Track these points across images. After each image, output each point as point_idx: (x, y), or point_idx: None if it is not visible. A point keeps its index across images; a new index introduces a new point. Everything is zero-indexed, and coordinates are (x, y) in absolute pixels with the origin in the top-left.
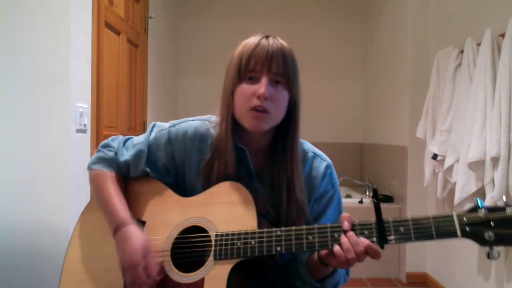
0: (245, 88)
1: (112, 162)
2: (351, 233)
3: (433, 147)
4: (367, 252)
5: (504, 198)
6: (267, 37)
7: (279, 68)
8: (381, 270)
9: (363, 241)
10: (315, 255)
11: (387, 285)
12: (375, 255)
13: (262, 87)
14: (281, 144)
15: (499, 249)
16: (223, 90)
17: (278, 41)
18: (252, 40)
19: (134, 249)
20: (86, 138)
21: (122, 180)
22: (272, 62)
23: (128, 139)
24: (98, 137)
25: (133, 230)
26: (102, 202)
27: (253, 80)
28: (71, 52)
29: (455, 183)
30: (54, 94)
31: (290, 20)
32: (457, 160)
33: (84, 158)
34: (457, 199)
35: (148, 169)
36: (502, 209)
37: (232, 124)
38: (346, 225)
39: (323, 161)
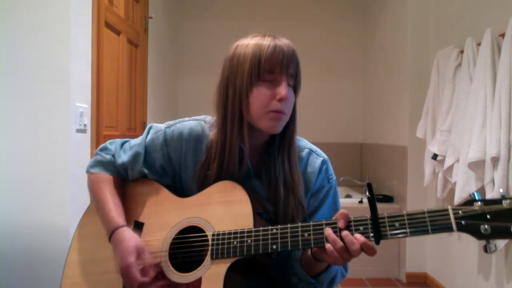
0: (264, 90)
1: (109, 165)
2: (346, 232)
3: (433, 147)
4: (363, 249)
5: (501, 190)
6: (276, 37)
7: (294, 70)
8: (381, 270)
9: (359, 238)
10: (309, 251)
11: (387, 285)
12: (370, 252)
13: (283, 90)
14: (278, 141)
15: (498, 244)
16: (228, 91)
17: (288, 42)
18: (265, 41)
19: (128, 250)
20: (86, 138)
21: (120, 182)
22: (290, 64)
23: (126, 141)
24: (98, 137)
25: (126, 233)
26: (98, 207)
27: (271, 82)
28: (71, 52)
29: (455, 183)
30: (54, 94)
31: (290, 20)
32: (457, 160)
33: (84, 158)
34: (457, 199)
35: (146, 170)
36: (499, 201)
37: (241, 125)
38: (341, 223)
39: (318, 157)
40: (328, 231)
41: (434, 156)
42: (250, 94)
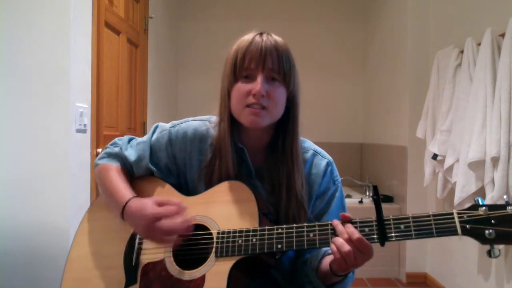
0: (241, 87)
1: (117, 157)
2: (340, 225)
3: (433, 147)
4: (358, 247)
5: (505, 197)
6: (260, 34)
7: (274, 64)
8: (381, 270)
9: (356, 233)
10: (327, 264)
11: (387, 285)
12: (365, 249)
13: (257, 85)
14: (281, 142)
15: (500, 247)
16: (221, 90)
17: (272, 37)
18: (246, 37)
19: (150, 205)
20: (86, 138)
21: (127, 172)
22: (267, 58)
23: (132, 138)
24: (98, 137)
25: (141, 199)
26: (108, 189)
27: (249, 78)
28: (71, 52)
29: (455, 183)
30: (54, 94)
31: (290, 20)
32: (457, 160)
33: (84, 158)
34: (457, 199)
35: (153, 167)
36: (503, 207)
37: (230, 123)
38: (344, 217)
39: (323, 159)
40: (335, 221)
41: (434, 156)
42: (232, 91)
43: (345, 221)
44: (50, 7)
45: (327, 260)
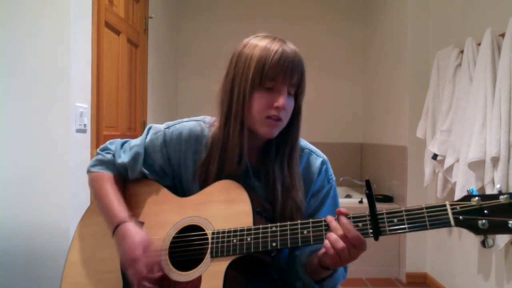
0: (264, 96)
1: (110, 164)
2: (334, 222)
3: (433, 147)
4: (352, 243)
5: (498, 186)
6: (284, 42)
7: (297, 80)
8: (381, 270)
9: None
10: (315, 258)
11: (387, 285)
12: (360, 244)
13: (282, 99)
14: (277, 143)
15: (499, 243)
16: (229, 91)
17: (296, 50)
18: (273, 47)
19: (134, 244)
20: (86, 138)
21: (121, 181)
22: (294, 75)
23: (126, 142)
24: (98, 137)
25: (132, 227)
26: (101, 204)
27: (272, 89)
28: (71, 52)
29: (455, 183)
30: (54, 94)
31: (290, 20)
32: (457, 160)
33: (84, 158)
34: (457, 199)
35: (146, 171)
36: (496, 196)
37: (241, 127)
38: (340, 212)
39: (318, 157)
40: (329, 218)
41: (434, 156)
42: (251, 97)
43: (338, 214)
44: (50, 7)
45: (316, 255)
